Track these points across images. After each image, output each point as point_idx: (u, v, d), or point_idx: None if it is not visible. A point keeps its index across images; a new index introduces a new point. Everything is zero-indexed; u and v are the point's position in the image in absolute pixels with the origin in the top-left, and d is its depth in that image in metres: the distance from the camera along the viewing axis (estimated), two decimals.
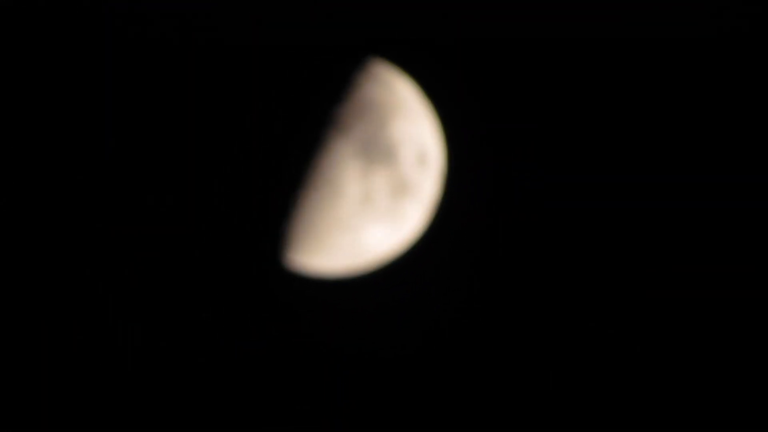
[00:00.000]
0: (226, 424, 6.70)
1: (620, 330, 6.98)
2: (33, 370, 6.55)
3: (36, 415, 6.51)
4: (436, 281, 6.84)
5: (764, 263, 6.91)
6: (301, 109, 5.16)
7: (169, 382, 6.65)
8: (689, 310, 6.95)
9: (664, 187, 6.95)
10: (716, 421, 6.87)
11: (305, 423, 6.74)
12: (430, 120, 5.80)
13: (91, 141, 6.48)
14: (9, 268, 6.52)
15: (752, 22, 6.83)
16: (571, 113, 6.93)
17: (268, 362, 6.69)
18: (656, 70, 6.91)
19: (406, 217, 5.55)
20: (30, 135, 6.53)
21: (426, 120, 5.74)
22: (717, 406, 6.89)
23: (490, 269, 6.94)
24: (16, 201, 6.49)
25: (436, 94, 5.92)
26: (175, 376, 6.66)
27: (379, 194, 5.24)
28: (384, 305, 6.69)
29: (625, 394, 6.93)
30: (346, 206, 5.18)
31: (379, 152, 5.20)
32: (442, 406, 6.87)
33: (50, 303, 6.57)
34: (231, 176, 5.40)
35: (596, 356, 6.96)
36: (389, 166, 5.27)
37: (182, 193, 5.90)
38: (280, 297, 6.36)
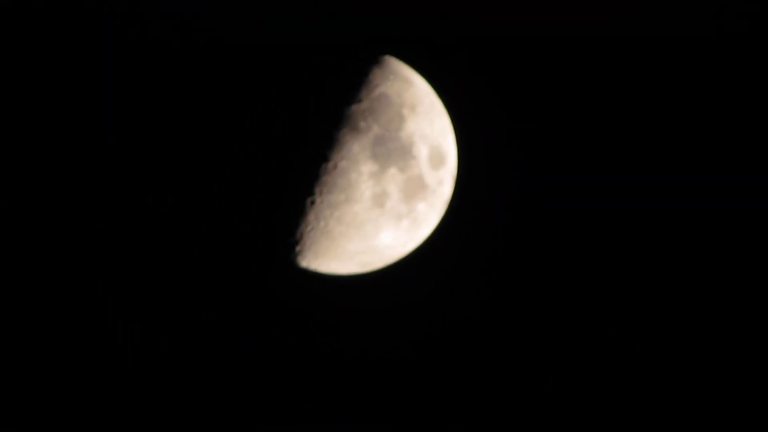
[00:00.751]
0: (227, 424, 6.70)
1: (620, 330, 6.98)
2: (33, 370, 6.55)
3: (36, 415, 6.51)
4: (445, 281, 6.85)
5: (764, 263, 6.91)
6: (314, 109, 5.11)
7: (169, 382, 6.66)
8: (689, 310, 6.95)
9: (664, 187, 6.96)
10: (716, 420, 6.87)
11: (311, 423, 6.74)
12: (444, 119, 5.75)
13: (91, 141, 6.48)
14: (9, 268, 6.52)
15: (752, 22, 6.84)
16: (571, 113, 6.94)
17: (271, 361, 6.69)
18: (656, 70, 6.92)
19: (420, 218, 5.47)
20: (30, 135, 6.53)
21: (441, 118, 5.68)
22: (717, 406, 6.90)
23: (496, 270, 6.96)
24: (16, 201, 6.49)
25: (444, 94, 5.90)
26: (175, 376, 6.66)
27: (392, 196, 5.16)
28: (391, 305, 6.70)
29: (625, 394, 6.94)
30: (359, 209, 5.10)
31: (393, 152, 5.12)
32: (447, 403, 6.88)
33: (50, 303, 6.57)
34: (231, 176, 5.38)
35: (596, 356, 6.97)
36: (403, 167, 5.19)
37: (182, 193, 5.88)
38: (285, 296, 6.35)
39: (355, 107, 5.17)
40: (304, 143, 5.10)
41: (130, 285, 6.57)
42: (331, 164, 5.08)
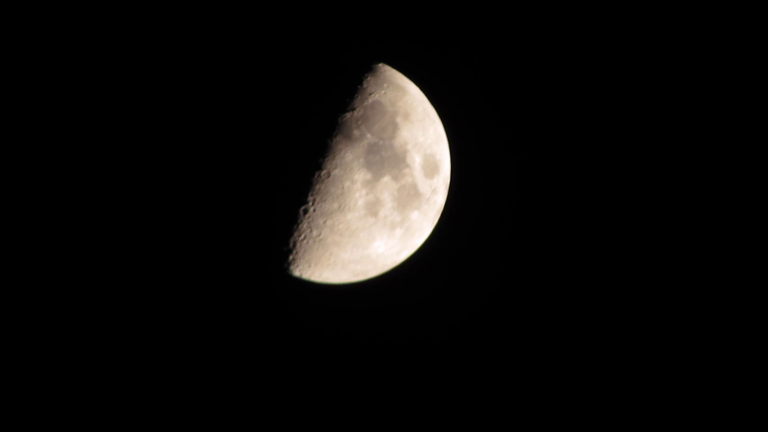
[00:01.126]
0: (227, 424, 6.74)
1: (620, 330, 6.99)
2: (33, 370, 6.59)
3: (36, 415, 6.56)
4: (441, 288, 6.87)
5: (764, 263, 6.90)
6: (307, 117, 5.06)
7: (168, 382, 6.69)
8: (689, 310, 6.96)
9: (664, 187, 6.95)
10: (716, 420, 6.88)
11: (311, 423, 6.77)
12: (438, 126, 5.71)
13: (91, 141, 6.50)
14: (9, 268, 6.55)
15: (752, 22, 6.81)
16: (571, 113, 6.93)
17: (270, 365, 6.72)
18: (656, 70, 6.90)
19: (413, 227, 5.42)
20: (30, 135, 6.55)
21: (434, 126, 5.64)
22: (717, 406, 6.90)
23: (495, 272, 6.97)
24: (16, 201, 6.52)
25: (438, 98, 5.87)
26: (175, 376, 6.70)
27: (386, 204, 5.10)
28: (385, 313, 6.71)
29: (625, 394, 6.95)
30: (352, 217, 5.04)
31: (386, 160, 5.06)
32: (445, 404, 6.91)
33: (50, 303, 6.60)
34: (230, 176, 5.37)
35: (596, 356, 6.98)
36: (397, 175, 5.13)
37: (182, 193, 5.89)
38: (279, 305, 6.36)
39: (348, 115, 5.14)
40: (298, 151, 5.08)
41: (130, 285, 6.60)
42: (324, 172, 5.07)
